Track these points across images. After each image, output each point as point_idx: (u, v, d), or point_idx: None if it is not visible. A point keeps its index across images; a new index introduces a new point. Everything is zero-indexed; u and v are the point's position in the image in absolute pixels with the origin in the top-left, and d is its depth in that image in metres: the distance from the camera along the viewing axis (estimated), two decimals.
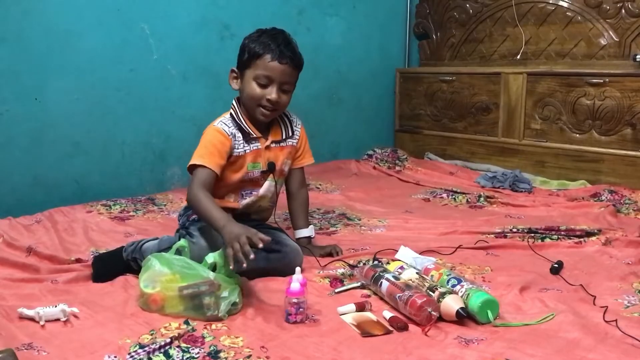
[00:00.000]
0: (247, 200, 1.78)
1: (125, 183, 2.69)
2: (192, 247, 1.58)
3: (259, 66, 1.67)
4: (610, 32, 2.91)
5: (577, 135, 2.95)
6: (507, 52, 3.33)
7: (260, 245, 1.39)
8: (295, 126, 1.86)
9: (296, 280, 1.40)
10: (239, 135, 1.71)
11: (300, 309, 1.40)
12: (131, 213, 2.34)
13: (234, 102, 1.77)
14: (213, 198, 1.60)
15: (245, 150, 1.73)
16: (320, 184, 2.93)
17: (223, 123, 1.72)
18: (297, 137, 1.86)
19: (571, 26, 3.05)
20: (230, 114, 1.75)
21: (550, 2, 3.12)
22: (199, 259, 1.49)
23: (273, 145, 1.79)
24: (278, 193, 1.85)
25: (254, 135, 1.74)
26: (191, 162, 1.65)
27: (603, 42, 2.94)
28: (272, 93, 1.67)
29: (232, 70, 1.76)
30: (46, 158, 2.46)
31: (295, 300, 1.39)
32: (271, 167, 1.77)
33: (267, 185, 1.79)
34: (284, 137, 1.81)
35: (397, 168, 3.34)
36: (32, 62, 2.38)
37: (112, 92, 2.61)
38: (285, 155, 1.82)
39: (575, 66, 3.01)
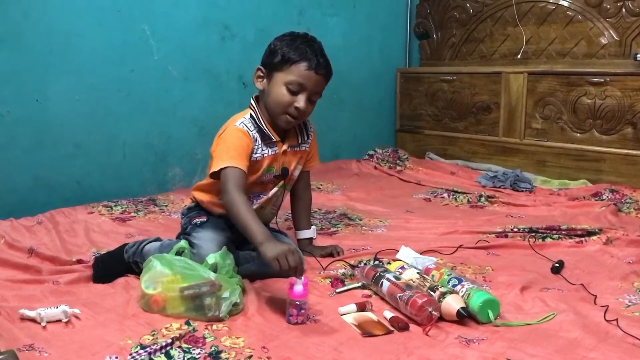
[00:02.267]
0: (255, 204, 1.74)
1: (127, 184, 2.69)
2: (192, 257, 1.56)
3: (293, 72, 1.62)
4: (611, 31, 2.91)
5: (578, 134, 2.95)
6: (508, 51, 3.33)
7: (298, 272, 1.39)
8: (310, 130, 1.83)
9: (299, 282, 1.40)
10: (258, 138, 1.68)
11: (302, 310, 1.40)
12: (132, 214, 2.34)
13: (253, 103, 1.72)
14: (250, 205, 1.56)
15: (263, 155, 1.69)
16: (321, 184, 2.94)
17: (244, 125, 1.67)
18: (310, 141, 1.83)
19: (572, 25, 3.05)
20: (251, 115, 1.70)
21: (551, 1, 3.12)
22: None
23: (289, 149, 1.76)
24: (284, 198, 1.84)
25: (274, 140, 1.70)
26: (223, 165, 1.57)
27: (604, 41, 2.94)
28: (301, 101, 1.63)
29: (259, 69, 1.69)
30: (47, 159, 2.46)
31: (297, 302, 1.39)
32: (285, 172, 1.75)
33: (275, 190, 1.77)
34: (299, 141, 1.79)
35: (398, 168, 3.34)
36: (33, 63, 2.38)
37: (113, 93, 2.62)
38: (298, 160, 1.80)
39: (575, 65, 3.01)
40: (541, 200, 2.63)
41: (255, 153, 1.68)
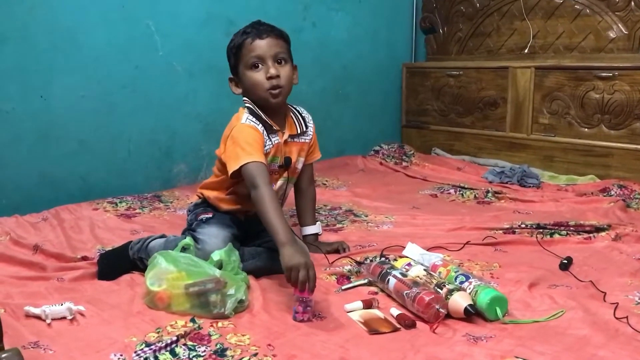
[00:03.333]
0: None
1: (132, 180, 2.68)
2: (197, 253, 1.56)
3: (245, 55, 1.67)
4: (620, 25, 2.88)
5: (586, 129, 2.92)
6: (515, 46, 3.29)
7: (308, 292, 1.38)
8: (309, 122, 1.84)
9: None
10: (264, 131, 1.69)
11: (308, 307, 1.39)
12: (137, 210, 2.34)
13: (245, 100, 1.74)
14: (279, 202, 1.57)
15: (270, 145, 1.70)
16: (326, 180, 2.92)
17: (250, 120, 1.68)
18: (311, 134, 1.84)
19: (579, 19, 3.02)
20: (249, 110, 1.71)
21: None
22: None
23: (289, 139, 1.76)
24: (288, 192, 1.83)
25: (275, 128, 1.71)
26: (245, 161, 1.57)
27: (612, 35, 2.91)
28: (269, 69, 1.65)
29: (230, 79, 1.76)
30: (52, 156, 2.46)
31: (303, 299, 1.38)
32: (287, 162, 1.75)
33: (280, 183, 1.77)
34: (298, 132, 1.79)
35: (404, 164, 3.32)
36: (38, 59, 2.37)
37: (118, 89, 2.61)
38: (299, 152, 1.80)
39: (583, 60, 2.98)
40: (549, 196, 2.61)
41: (266, 145, 1.68)
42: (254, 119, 1.68)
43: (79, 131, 2.52)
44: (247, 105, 1.72)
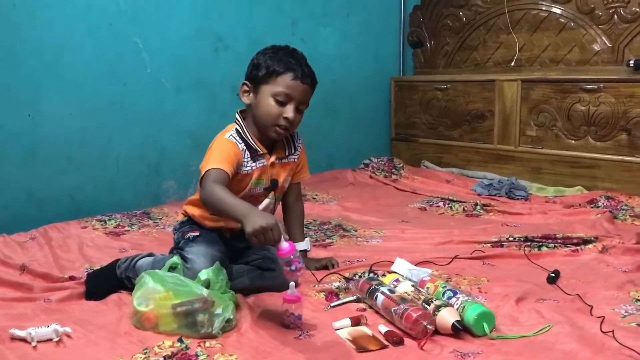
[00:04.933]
0: None
1: (120, 197, 2.68)
2: (186, 272, 1.55)
3: (279, 83, 1.63)
4: (604, 38, 2.92)
5: (573, 141, 2.94)
6: (501, 59, 3.33)
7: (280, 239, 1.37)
8: (298, 142, 1.83)
9: (292, 287, 1.44)
10: (246, 152, 1.68)
11: (295, 315, 1.43)
12: (126, 228, 2.33)
13: (238, 117, 1.72)
14: (229, 191, 1.52)
15: (252, 168, 1.69)
16: (316, 194, 2.93)
17: (233, 137, 1.67)
18: (299, 153, 1.83)
19: (564, 32, 3.06)
20: (236, 129, 1.70)
21: (543, 8, 3.12)
22: None
23: (277, 161, 1.76)
24: (276, 209, 1.83)
25: (260, 152, 1.70)
26: (209, 167, 1.55)
27: (597, 48, 2.95)
28: (289, 112, 1.64)
29: (244, 84, 1.70)
30: (40, 173, 2.45)
31: (291, 309, 1.42)
32: (274, 184, 1.74)
33: (267, 202, 1.76)
34: (287, 154, 1.79)
35: (394, 177, 3.33)
36: (25, 77, 2.37)
37: (106, 106, 2.61)
38: (287, 172, 1.80)
39: (569, 72, 3.02)
40: (537, 208, 2.62)
41: (245, 167, 1.67)
42: (237, 138, 1.68)
43: (67, 149, 2.51)
44: (236, 123, 1.71)
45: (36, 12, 2.38)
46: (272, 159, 1.73)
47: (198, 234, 1.71)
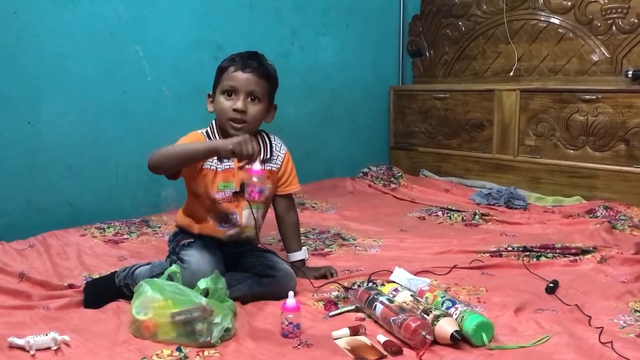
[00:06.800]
0: (232, 232, 1.77)
1: (120, 205, 2.68)
2: (183, 272, 1.55)
3: (224, 79, 1.71)
4: (602, 49, 2.93)
5: (572, 151, 2.95)
6: (500, 69, 3.34)
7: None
8: (277, 150, 1.83)
9: (291, 296, 1.45)
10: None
11: (293, 324, 1.42)
12: (125, 236, 2.33)
13: (211, 123, 1.79)
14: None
15: (217, 168, 1.72)
16: (315, 203, 2.93)
17: (202, 133, 1.75)
18: (279, 163, 1.82)
19: (563, 43, 3.07)
20: (206, 131, 1.77)
21: (542, 19, 3.14)
22: (192, 284, 1.48)
23: (247, 166, 1.74)
24: (259, 218, 1.82)
25: None
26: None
27: (595, 58, 2.96)
28: (237, 102, 1.68)
29: (208, 95, 1.78)
30: (39, 181, 2.45)
31: (254, 179, 1.48)
32: (243, 189, 1.75)
33: (247, 215, 1.76)
34: (261, 158, 1.77)
35: (393, 186, 3.34)
36: (25, 85, 2.38)
37: (106, 114, 2.62)
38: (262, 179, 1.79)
39: (568, 82, 3.03)
40: (535, 217, 2.63)
41: (210, 162, 1.71)
42: (205, 135, 1.74)
43: (67, 156, 2.52)
44: (209, 126, 1.77)
45: (37, 20, 2.39)
46: (241, 163, 1.71)
47: (192, 240, 1.73)
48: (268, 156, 1.81)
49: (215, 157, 1.70)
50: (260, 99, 1.72)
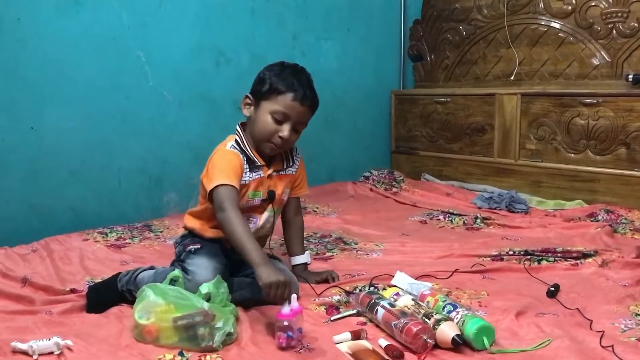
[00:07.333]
0: None
1: (122, 210, 2.69)
2: (187, 284, 1.56)
3: (279, 102, 1.65)
4: (602, 53, 2.94)
5: (572, 155, 2.96)
6: (501, 73, 3.35)
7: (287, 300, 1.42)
8: (296, 156, 1.85)
9: (287, 305, 1.42)
10: (245, 162, 1.70)
11: (290, 333, 1.39)
12: (127, 240, 2.34)
13: (238, 129, 1.75)
14: (247, 224, 1.59)
15: (249, 179, 1.71)
16: (317, 207, 2.93)
17: (234, 147, 1.70)
18: (297, 167, 1.85)
19: (564, 47, 3.08)
20: (236, 140, 1.73)
21: (543, 23, 3.15)
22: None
23: (274, 174, 1.78)
24: (275, 222, 1.84)
25: (259, 164, 1.73)
26: (217, 183, 1.59)
27: (595, 62, 2.97)
28: (285, 131, 1.66)
29: (247, 97, 1.73)
30: (42, 186, 2.46)
31: (283, 324, 1.39)
32: (271, 196, 1.76)
33: (267, 216, 1.78)
34: (285, 166, 1.81)
35: (394, 190, 3.34)
36: (28, 91, 2.39)
37: (108, 120, 2.63)
38: (285, 184, 1.81)
39: (568, 86, 3.03)
40: (537, 221, 2.63)
41: (244, 177, 1.70)
42: (238, 150, 1.71)
43: (69, 162, 2.53)
44: (237, 135, 1.74)
45: (40, 26, 2.40)
46: (270, 171, 1.75)
47: (199, 246, 1.72)
48: (291, 163, 1.83)
49: (248, 170, 1.70)
50: (303, 129, 1.73)
